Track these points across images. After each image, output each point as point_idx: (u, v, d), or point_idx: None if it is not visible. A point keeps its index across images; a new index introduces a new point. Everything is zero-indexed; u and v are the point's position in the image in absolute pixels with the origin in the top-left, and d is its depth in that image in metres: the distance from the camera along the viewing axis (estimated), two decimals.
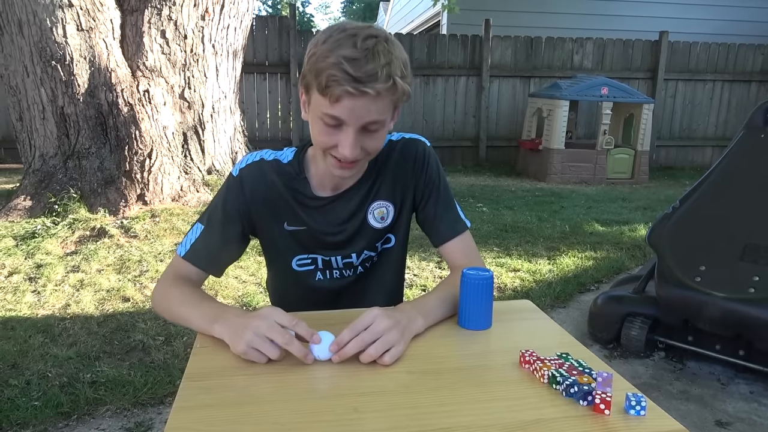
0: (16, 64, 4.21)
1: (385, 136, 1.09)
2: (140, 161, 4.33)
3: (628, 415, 0.79)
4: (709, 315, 2.38)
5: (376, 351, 0.90)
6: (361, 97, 0.95)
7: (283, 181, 1.17)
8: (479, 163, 7.95)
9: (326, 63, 0.94)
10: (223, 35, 4.79)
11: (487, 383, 0.87)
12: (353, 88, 0.93)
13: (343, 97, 0.95)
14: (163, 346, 2.57)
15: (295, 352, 0.89)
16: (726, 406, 2.26)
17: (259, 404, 0.81)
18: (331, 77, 0.93)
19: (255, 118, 7.28)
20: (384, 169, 1.21)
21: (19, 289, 3.10)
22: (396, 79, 0.97)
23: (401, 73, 0.98)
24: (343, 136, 1.01)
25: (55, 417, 2.04)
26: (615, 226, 4.87)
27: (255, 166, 1.17)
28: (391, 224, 1.24)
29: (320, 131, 1.03)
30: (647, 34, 8.19)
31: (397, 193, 1.23)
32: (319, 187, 1.19)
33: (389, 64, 0.95)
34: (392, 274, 1.32)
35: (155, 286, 1.15)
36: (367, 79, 0.93)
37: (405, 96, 1.02)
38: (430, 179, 1.23)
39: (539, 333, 1.09)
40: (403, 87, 0.99)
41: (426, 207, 1.25)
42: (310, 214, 1.19)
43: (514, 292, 3.36)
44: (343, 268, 1.25)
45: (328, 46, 0.95)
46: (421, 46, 7.60)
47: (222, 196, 1.18)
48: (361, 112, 0.97)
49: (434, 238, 1.26)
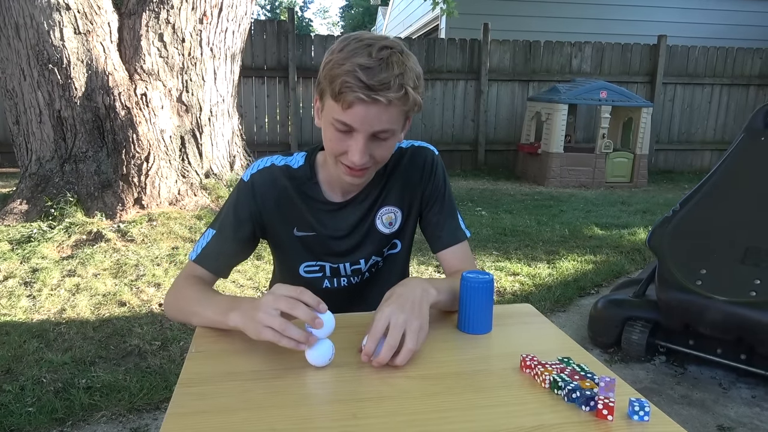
0: (13, 68, 4.20)
1: (394, 146, 1.10)
2: (137, 165, 4.31)
3: (632, 420, 0.77)
4: (710, 319, 2.37)
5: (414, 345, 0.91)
6: (373, 104, 0.97)
7: (294, 185, 1.19)
8: (478, 167, 7.94)
9: (341, 70, 0.96)
10: (221, 39, 4.78)
11: (488, 388, 0.86)
12: (365, 95, 0.96)
13: (355, 103, 0.97)
14: (159, 351, 2.54)
15: (301, 316, 0.88)
16: (728, 411, 2.24)
17: (255, 410, 0.79)
18: (344, 84, 0.96)
19: (253, 122, 7.27)
20: (393, 175, 1.23)
21: (14, 293, 3.07)
22: (408, 89, 0.99)
23: (414, 84, 1.00)
24: (352, 142, 1.02)
25: (49, 423, 2.02)
26: (614, 230, 4.86)
27: (266, 172, 1.19)
28: (398, 230, 1.26)
29: (331, 137, 1.04)
30: (646, 38, 8.20)
31: (405, 200, 1.25)
32: (329, 191, 1.20)
33: (402, 75, 0.98)
34: (397, 279, 1.32)
35: (167, 292, 1.16)
36: (379, 88, 0.96)
37: (416, 107, 1.04)
38: (436, 187, 1.25)
39: (540, 337, 1.07)
40: (415, 98, 1.02)
41: (430, 213, 1.26)
42: (320, 219, 1.21)
43: (514, 296, 3.35)
44: (351, 275, 1.26)
45: (344, 55, 0.97)
46: (419, 51, 7.61)
47: (233, 201, 1.19)
48: (372, 119, 0.99)
49: (434, 244, 1.28)
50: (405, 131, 1.11)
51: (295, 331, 0.87)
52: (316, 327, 0.88)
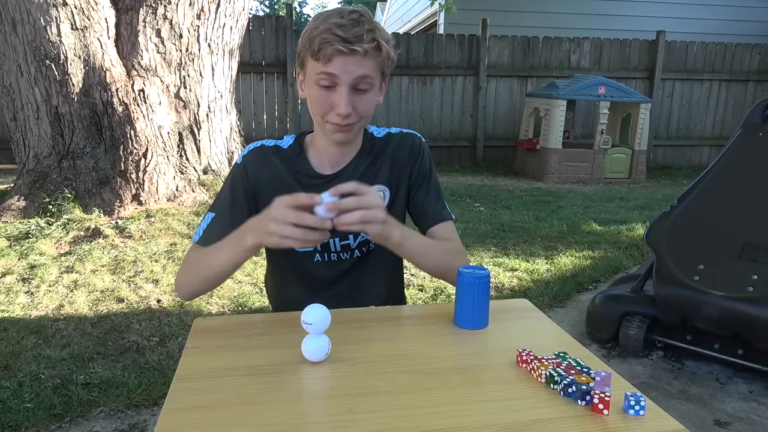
0: (10, 64, 4.18)
1: (375, 100, 1.16)
2: (135, 161, 4.30)
3: (627, 415, 0.78)
4: (708, 314, 2.37)
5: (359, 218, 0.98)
6: (351, 55, 1.07)
7: (284, 163, 1.25)
8: (476, 162, 7.94)
9: (318, 31, 1.07)
10: (218, 34, 4.76)
11: (484, 383, 0.86)
12: (343, 46, 1.06)
13: (335, 55, 1.07)
14: (157, 347, 2.54)
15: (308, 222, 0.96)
16: (725, 406, 2.25)
17: (251, 405, 0.79)
18: (323, 40, 1.06)
19: (251, 118, 7.26)
20: (382, 155, 1.28)
21: (12, 289, 3.07)
22: (381, 42, 1.09)
23: (385, 39, 1.11)
24: (336, 95, 1.11)
25: (47, 419, 2.02)
26: (612, 226, 4.86)
27: (256, 151, 1.26)
28: (387, 208, 1.25)
29: (317, 96, 1.12)
30: (644, 34, 8.19)
31: (393, 179, 1.29)
32: (318, 165, 1.25)
33: (373, 31, 1.08)
34: (390, 261, 1.35)
35: (177, 276, 1.22)
36: (354, 40, 1.06)
37: (390, 62, 1.14)
38: (423, 169, 1.30)
39: (536, 332, 1.07)
40: (388, 50, 1.12)
41: (417, 194, 1.31)
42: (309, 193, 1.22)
43: (512, 292, 3.35)
44: (341, 251, 1.28)
45: (319, 21, 1.09)
46: (418, 46, 7.59)
47: (229, 183, 1.26)
48: (351, 68, 1.08)
49: (422, 223, 1.31)
50: (383, 91, 1.20)
51: (310, 222, 0.96)
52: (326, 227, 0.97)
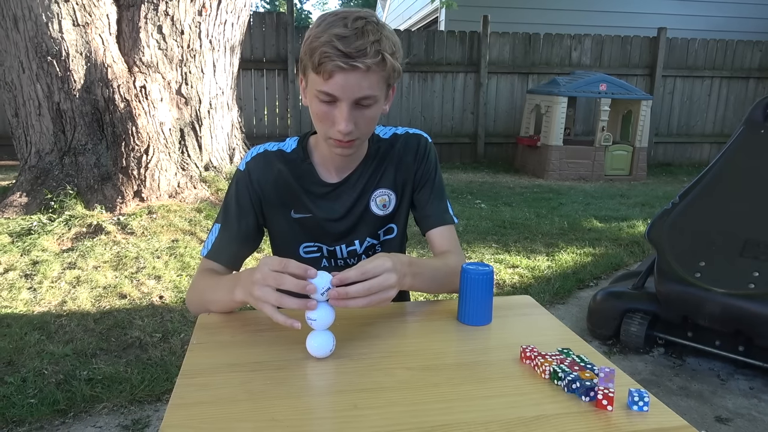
0: (12, 60, 4.18)
1: (378, 114, 1.11)
2: (137, 157, 4.30)
3: (631, 410, 0.78)
4: (709, 311, 2.38)
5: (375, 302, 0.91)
6: (352, 71, 0.99)
7: (289, 169, 1.22)
8: (477, 159, 7.93)
9: (318, 42, 0.99)
10: (220, 31, 4.76)
11: (488, 379, 0.86)
12: (344, 62, 0.98)
13: (336, 72, 0.99)
14: (160, 343, 2.55)
15: (290, 287, 0.88)
16: (726, 402, 2.26)
17: (256, 401, 0.79)
18: (323, 54, 0.98)
19: (252, 114, 7.26)
20: (387, 158, 1.26)
21: (14, 286, 3.08)
22: (385, 55, 1.01)
23: (391, 50, 1.02)
24: (337, 111, 1.04)
25: (51, 414, 2.02)
26: (613, 223, 4.86)
27: (260, 158, 1.22)
28: (392, 212, 1.28)
29: (317, 110, 1.07)
30: (645, 31, 8.17)
31: (398, 182, 1.27)
32: (324, 171, 1.23)
33: (378, 42, 1.00)
34: None
35: (188, 292, 1.19)
36: (357, 54, 0.98)
37: (396, 73, 1.06)
38: (427, 170, 1.28)
39: (540, 328, 1.08)
40: (393, 63, 1.03)
41: (420, 195, 1.28)
42: (316, 201, 1.23)
43: (513, 289, 3.35)
44: (348, 257, 1.28)
45: (321, 28, 1.00)
46: (419, 43, 7.58)
47: (233, 192, 1.22)
48: (352, 86, 1.01)
49: (423, 224, 1.30)
50: (389, 102, 1.13)
51: (281, 316, 0.89)
52: (309, 293, 0.87)
